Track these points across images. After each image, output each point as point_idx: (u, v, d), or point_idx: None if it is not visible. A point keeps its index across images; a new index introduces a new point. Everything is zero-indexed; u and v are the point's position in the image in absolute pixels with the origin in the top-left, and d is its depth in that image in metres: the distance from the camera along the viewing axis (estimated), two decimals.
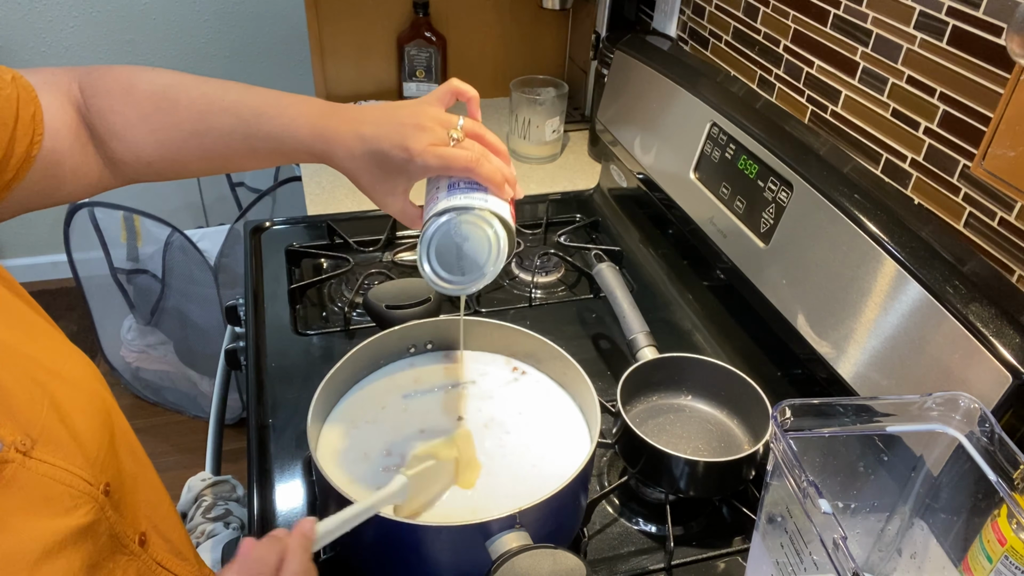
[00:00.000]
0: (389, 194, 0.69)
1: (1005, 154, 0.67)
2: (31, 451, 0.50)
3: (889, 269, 0.76)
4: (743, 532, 0.81)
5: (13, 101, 0.61)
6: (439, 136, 0.65)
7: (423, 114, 0.67)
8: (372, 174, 0.67)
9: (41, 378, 0.55)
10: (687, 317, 1.10)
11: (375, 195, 0.69)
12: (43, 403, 0.53)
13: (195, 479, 1.11)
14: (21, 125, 0.62)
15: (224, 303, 1.60)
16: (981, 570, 0.61)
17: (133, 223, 2.00)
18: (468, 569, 0.65)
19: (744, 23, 1.15)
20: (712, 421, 0.88)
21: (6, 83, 0.62)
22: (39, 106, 0.64)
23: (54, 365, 0.57)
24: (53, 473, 0.51)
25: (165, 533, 0.65)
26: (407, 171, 0.66)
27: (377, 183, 0.68)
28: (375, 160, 0.66)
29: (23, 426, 0.51)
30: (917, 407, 0.64)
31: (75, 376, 0.59)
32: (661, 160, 1.14)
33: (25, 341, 0.57)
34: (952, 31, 0.81)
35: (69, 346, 0.61)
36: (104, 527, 0.55)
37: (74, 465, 0.53)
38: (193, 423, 2.16)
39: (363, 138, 0.66)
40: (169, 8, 2.30)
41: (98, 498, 0.54)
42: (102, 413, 0.59)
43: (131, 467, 0.62)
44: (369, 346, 0.81)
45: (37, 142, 0.63)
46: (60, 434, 0.53)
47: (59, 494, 0.51)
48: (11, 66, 0.64)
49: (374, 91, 1.64)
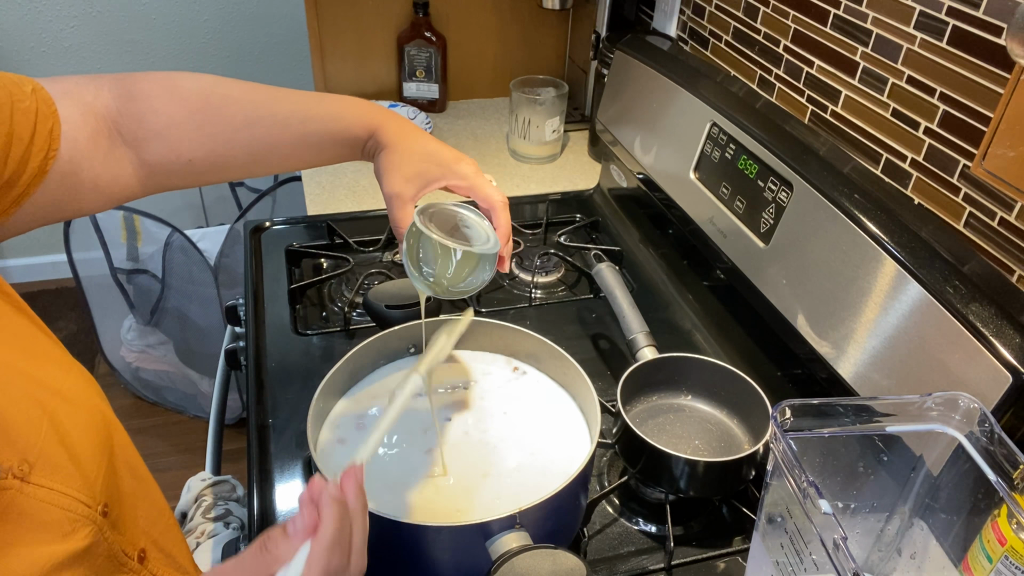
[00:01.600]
0: (400, 184, 0.72)
1: (1005, 154, 0.67)
2: (29, 476, 0.50)
3: (889, 269, 0.76)
4: (743, 532, 0.81)
5: (32, 115, 0.61)
6: (476, 167, 0.73)
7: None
8: (406, 158, 0.72)
9: (41, 398, 0.54)
10: (687, 317, 1.10)
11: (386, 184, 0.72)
12: (42, 424, 0.52)
13: (195, 479, 1.11)
14: (38, 139, 0.61)
15: (224, 303, 1.60)
16: (981, 570, 0.61)
17: (133, 223, 2.00)
18: (468, 569, 0.65)
19: (744, 23, 1.15)
20: (712, 421, 0.88)
21: (26, 95, 0.61)
22: (57, 120, 0.63)
23: (54, 383, 0.57)
24: (51, 498, 0.51)
25: (164, 547, 0.64)
26: (444, 165, 0.72)
27: (403, 164, 0.72)
28: (420, 150, 0.72)
29: (21, 451, 0.50)
30: (917, 407, 0.64)
31: (75, 393, 0.58)
32: (661, 160, 1.14)
33: (25, 359, 0.56)
34: (952, 31, 0.81)
35: (70, 360, 0.61)
36: (102, 548, 0.55)
37: (72, 488, 0.52)
38: (193, 423, 2.16)
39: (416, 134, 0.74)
40: (169, 8, 2.30)
41: (96, 520, 0.54)
42: (102, 431, 0.59)
43: (130, 484, 0.62)
44: (369, 346, 0.81)
45: (52, 156, 0.62)
46: (58, 457, 0.53)
47: (57, 519, 0.51)
48: (10, 67, 0.64)
49: (374, 91, 1.64)
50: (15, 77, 0.62)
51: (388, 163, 0.72)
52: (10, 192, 0.60)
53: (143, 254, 2.02)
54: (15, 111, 0.59)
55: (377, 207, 1.29)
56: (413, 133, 0.74)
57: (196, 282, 1.94)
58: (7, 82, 0.60)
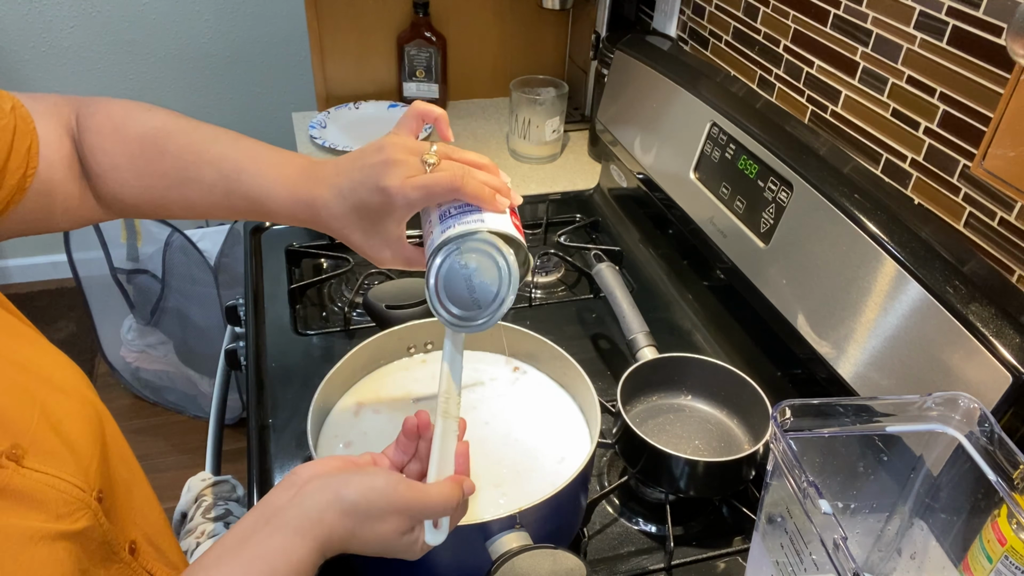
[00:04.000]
0: (385, 245, 0.65)
1: (1005, 154, 0.67)
2: (22, 460, 0.50)
3: (889, 269, 0.76)
4: (743, 532, 0.81)
5: (9, 132, 0.60)
6: (413, 167, 0.61)
7: (390, 148, 0.62)
8: (361, 229, 0.64)
9: (31, 386, 0.54)
10: (687, 317, 1.10)
11: (371, 251, 0.65)
12: (34, 412, 0.53)
13: (195, 479, 1.11)
14: (15, 157, 0.60)
15: (224, 303, 1.60)
16: (981, 570, 0.61)
17: (133, 223, 2.00)
18: (468, 569, 0.65)
19: (744, 23, 1.15)
20: (712, 421, 0.88)
21: (4, 113, 0.60)
22: (36, 138, 0.62)
23: (43, 372, 0.57)
24: (46, 480, 0.51)
25: (155, 541, 0.64)
26: (392, 213, 0.62)
27: (368, 237, 0.64)
28: (358, 213, 0.63)
29: (13, 435, 0.50)
30: (917, 407, 0.64)
31: (66, 383, 0.58)
32: (661, 160, 1.14)
33: (14, 349, 0.56)
34: (952, 31, 0.81)
35: (58, 353, 0.61)
36: (97, 533, 0.55)
37: (66, 473, 0.52)
38: (193, 423, 2.16)
39: (342, 194, 0.63)
40: (169, 8, 2.30)
41: (91, 505, 0.54)
42: (93, 420, 0.59)
43: (123, 475, 0.62)
44: (369, 346, 0.81)
45: (30, 175, 0.62)
46: (52, 442, 0.53)
47: (53, 499, 0.51)
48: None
49: (374, 91, 1.64)
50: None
51: (356, 244, 0.65)
52: None
53: (143, 254, 2.02)
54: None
55: None
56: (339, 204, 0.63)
57: (196, 282, 1.94)
58: None
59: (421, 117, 0.66)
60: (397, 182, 0.60)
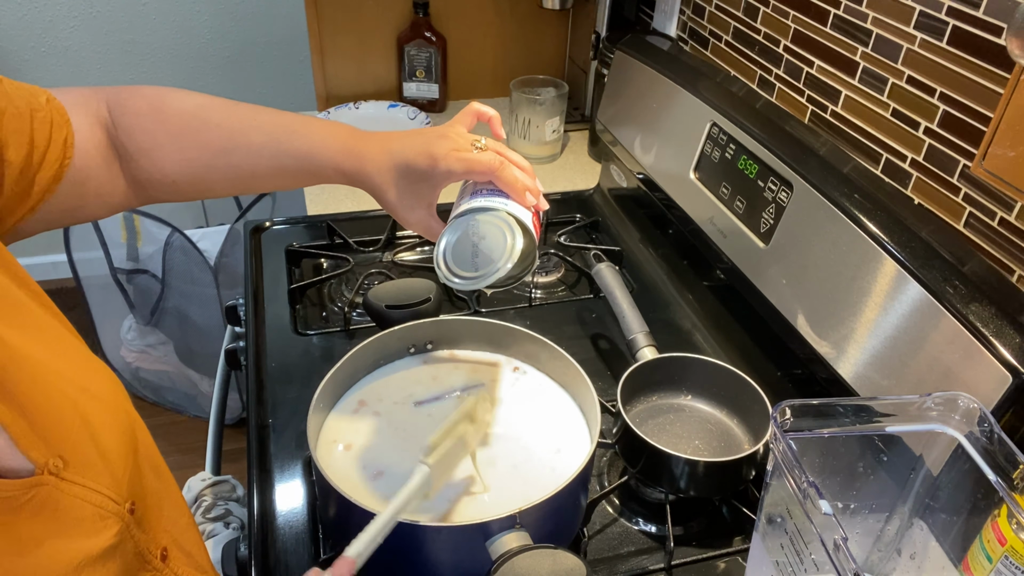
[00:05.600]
0: (416, 207, 0.71)
1: (1005, 154, 0.67)
2: (62, 472, 0.50)
3: (889, 269, 0.76)
4: (743, 532, 0.81)
5: (47, 124, 0.62)
6: (463, 145, 0.69)
7: (448, 128, 0.71)
8: (398, 187, 0.71)
9: (72, 395, 0.54)
10: (687, 317, 1.10)
11: (402, 210, 0.72)
12: (74, 421, 0.53)
13: (195, 479, 1.11)
14: (53, 149, 0.63)
15: (224, 303, 1.60)
16: (981, 570, 0.61)
17: (133, 223, 2.00)
18: (468, 569, 0.65)
19: (744, 23, 1.15)
20: (712, 421, 0.88)
21: (41, 105, 0.63)
22: (71, 130, 0.65)
23: (83, 381, 0.57)
24: (83, 495, 0.51)
25: (185, 546, 0.65)
26: (431, 177, 0.69)
27: (403, 196, 0.71)
28: (401, 171, 0.70)
29: (55, 447, 0.51)
30: (916, 407, 0.64)
31: (102, 392, 0.58)
32: (661, 160, 1.14)
33: (55, 357, 0.56)
34: (952, 31, 0.81)
35: (95, 360, 0.61)
36: (130, 545, 0.55)
37: (102, 485, 0.53)
38: (193, 423, 2.16)
39: (391, 152, 0.70)
40: (169, 8, 2.30)
41: (124, 517, 0.54)
42: (128, 430, 0.59)
43: (154, 483, 0.62)
44: (369, 346, 0.81)
45: (66, 165, 0.64)
46: (90, 453, 0.53)
47: (89, 515, 0.51)
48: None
49: (374, 91, 1.64)
50: (29, 87, 0.63)
51: (389, 201, 0.72)
52: (27, 200, 0.62)
53: (143, 254, 2.02)
54: (34, 119, 0.61)
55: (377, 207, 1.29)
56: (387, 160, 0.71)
57: (196, 282, 1.94)
58: (24, 92, 0.62)
59: (476, 115, 0.75)
60: (444, 151, 0.68)
